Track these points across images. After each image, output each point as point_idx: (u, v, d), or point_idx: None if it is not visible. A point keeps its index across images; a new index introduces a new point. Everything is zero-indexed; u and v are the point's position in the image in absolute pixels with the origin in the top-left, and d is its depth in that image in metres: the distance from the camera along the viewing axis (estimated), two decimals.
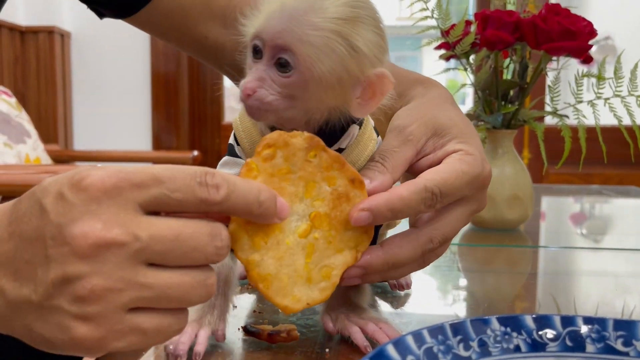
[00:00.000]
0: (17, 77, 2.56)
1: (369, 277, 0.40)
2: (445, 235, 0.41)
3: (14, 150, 2.04)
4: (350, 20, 0.37)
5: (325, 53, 0.36)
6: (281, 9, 0.37)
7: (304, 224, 0.38)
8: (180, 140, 2.75)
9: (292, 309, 0.37)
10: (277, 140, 0.37)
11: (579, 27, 0.76)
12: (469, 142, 0.43)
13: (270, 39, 0.37)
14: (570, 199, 1.38)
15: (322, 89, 0.38)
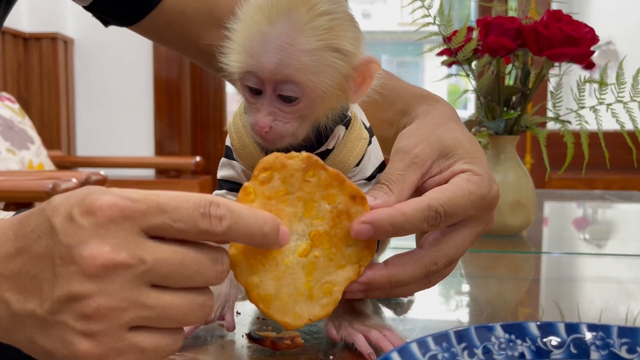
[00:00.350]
0: (21, 84, 2.57)
1: (371, 294, 0.40)
2: (450, 258, 0.41)
3: (17, 156, 2.04)
4: (331, 28, 0.38)
5: (322, 71, 0.38)
6: (266, 43, 0.37)
7: (303, 243, 0.38)
8: (182, 146, 2.76)
9: (293, 325, 0.38)
10: (273, 163, 0.37)
11: (581, 33, 0.76)
12: (476, 163, 0.43)
13: (269, 77, 0.38)
14: (573, 204, 1.38)
15: (327, 100, 0.39)
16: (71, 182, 1.32)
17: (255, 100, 0.39)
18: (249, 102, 0.39)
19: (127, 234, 0.31)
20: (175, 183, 2.54)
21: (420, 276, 0.40)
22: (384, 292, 0.41)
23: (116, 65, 2.71)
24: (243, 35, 0.38)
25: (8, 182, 1.32)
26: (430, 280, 0.42)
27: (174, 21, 0.65)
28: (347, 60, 0.38)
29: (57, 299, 0.30)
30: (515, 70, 0.86)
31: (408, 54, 6.12)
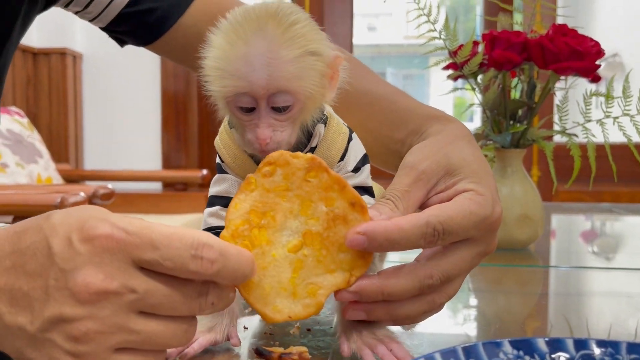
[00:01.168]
0: (30, 98, 2.60)
1: (372, 314, 0.40)
2: (447, 273, 0.41)
3: (26, 170, 2.06)
4: (303, 35, 0.39)
5: (307, 75, 0.39)
6: (250, 63, 0.38)
7: (294, 240, 0.38)
8: (189, 159, 2.77)
9: (272, 318, 0.38)
10: (278, 158, 0.39)
11: (587, 47, 0.76)
12: (480, 183, 0.42)
13: (263, 92, 0.39)
14: (581, 217, 1.37)
15: (314, 101, 0.41)
16: (79, 195, 1.33)
17: (249, 118, 0.40)
18: (242, 121, 0.40)
19: (120, 264, 0.32)
20: (182, 196, 2.55)
21: (414, 289, 0.40)
22: (386, 314, 0.40)
23: (124, 80, 2.73)
24: (223, 60, 0.39)
25: (17, 195, 1.33)
26: (435, 301, 0.41)
27: (189, 41, 0.66)
28: (322, 60, 0.40)
29: (47, 319, 0.32)
30: (521, 83, 0.86)
31: (414, 67, 6.14)
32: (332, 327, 0.49)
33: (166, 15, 0.64)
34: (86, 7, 0.64)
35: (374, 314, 0.40)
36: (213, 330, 0.42)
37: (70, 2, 0.64)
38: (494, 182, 0.44)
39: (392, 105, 0.55)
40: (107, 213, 0.34)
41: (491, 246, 0.43)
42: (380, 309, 0.40)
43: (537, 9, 0.87)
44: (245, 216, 0.38)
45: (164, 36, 0.65)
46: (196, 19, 0.66)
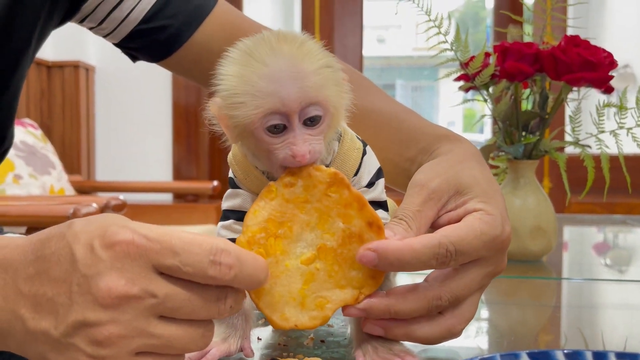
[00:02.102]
0: (43, 110, 2.63)
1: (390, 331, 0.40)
2: (456, 295, 0.41)
3: (39, 181, 2.08)
4: (315, 51, 0.39)
5: (329, 86, 0.39)
6: (277, 81, 0.37)
7: (308, 252, 0.39)
8: (200, 170, 2.78)
9: (279, 325, 0.39)
10: (301, 170, 0.39)
11: (599, 58, 0.76)
12: (490, 202, 0.42)
13: (296, 107, 0.38)
14: (594, 228, 1.36)
15: (338, 114, 0.41)
16: (91, 207, 1.34)
17: (280, 138, 0.38)
18: (272, 144, 0.39)
19: (141, 270, 0.33)
20: (193, 207, 2.56)
21: (422, 310, 0.40)
22: (404, 334, 0.40)
23: (136, 92, 2.76)
24: (245, 84, 0.38)
25: (30, 207, 1.34)
26: (453, 327, 0.41)
27: (201, 58, 0.66)
28: (337, 73, 0.40)
29: (71, 324, 0.32)
30: (533, 95, 0.86)
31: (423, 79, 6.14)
32: (345, 339, 0.49)
33: (179, 33, 0.65)
34: (100, 23, 0.65)
35: (392, 333, 0.40)
36: (227, 341, 0.42)
37: (85, 18, 0.65)
38: (503, 201, 0.44)
39: (401, 123, 0.56)
40: (127, 220, 0.34)
41: (500, 266, 0.43)
42: (399, 328, 0.40)
43: (548, 21, 0.87)
44: (262, 224, 0.39)
45: (176, 53, 0.66)
46: (209, 36, 0.66)
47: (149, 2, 0.64)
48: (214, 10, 0.67)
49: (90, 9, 0.64)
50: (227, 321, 0.42)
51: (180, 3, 0.65)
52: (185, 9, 0.65)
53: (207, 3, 0.67)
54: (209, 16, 0.66)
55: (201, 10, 0.66)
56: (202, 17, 0.66)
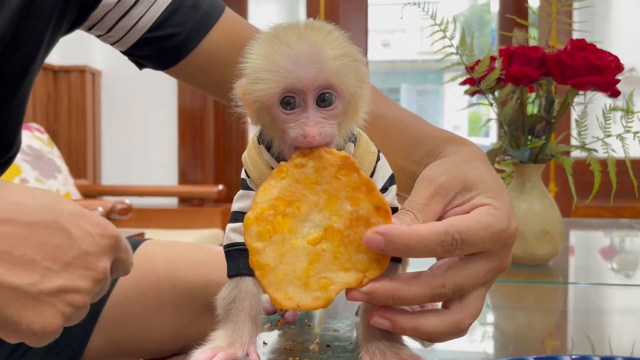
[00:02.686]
0: (50, 115, 2.64)
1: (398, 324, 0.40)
2: (460, 284, 0.40)
3: (45, 186, 2.09)
4: (340, 41, 0.40)
5: (349, 75, 0.40)
6: (297, 60, 0.39)
7: (315, 233, 0.39)
8: (205, 174, 2.79)
9: (281, 304, 0.39)
10: (312, 151, 0.39)
11: (606, 61, 0.76)
12: (497, 198, 0.42)
13: (310, 85, 0.39)
14: (600, 233, 1.35)
15: (354, 106, 0.41)
16: (97, 211, 1.34)
17: (292, 116, 0.40)
18: (286, 122, 0.40)
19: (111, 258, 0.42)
20: (198, 211, 2.56)
21: (425, 297, 0.40)
22: (412, 328, 0.40)
23: (141, 97, 2.77)
24: (269, 61, 0.40)
25: None
26: (462, 322, 0.41)
27: (208, 66, 0.67)
28: (360, 66, 0.41)
29: (57, 286, 0.39)
30: (539, 98, 0.85)
31: (428, 83, 6.14)
32: (351, 343, 0.49)
33: (186, 41, 0.65)
34: (109, 31, 0.65)
35: (399, 326, 0.40)
36: (233, 346, 0.42)
37: (94, 26, 0.66)
38: (509, 199, 0.44)
39: (407, 127, 0.56)
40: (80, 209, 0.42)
41: (506, 262, 0.43)
42: (406, 321, 0.40)
43: (553, 24, 0.87)
44: (272, 202, 0.39)
45: (183, 61, 0.66)
46: (215, 44, 0.67)
47: (157, 10, 0.64)
48: (221, 18, 0.67)
49: (99, 16, 0.64)
50: (234, 326, 0.42)
51: (188, 11, 0.65)
52: (192, 17, 0.66)
53: (214, 11, 0.67)
54: (216, 24, 0.67)
55: (208, 18, 0.66)
56: (210, 26, 0.66)
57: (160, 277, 0.75)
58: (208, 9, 0.67)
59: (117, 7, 0.64)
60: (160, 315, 0.75)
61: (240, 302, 0.42)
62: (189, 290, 0.75)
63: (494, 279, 0.43)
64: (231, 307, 0.42)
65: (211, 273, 0.76)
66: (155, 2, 0.65)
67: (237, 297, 0.42)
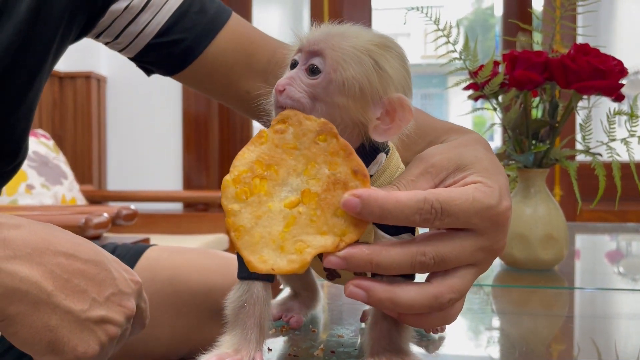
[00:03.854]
0: (55, 121, 2.65)
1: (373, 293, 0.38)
2: (442, 256, 0.39)
3: (51, 191, 2.10)
4: (380, 45, 0.40)
5: (352, 62, 0.39)
6: (321, 30, 0.41)
7: (292, 196, 0.39)
8: (210, 179, 2.79)
9: (255, 266, 0.38)
10: (292, 117, 0.39)
11: (609, 66, 0.76)
12: (490, 178, 0.41)
13: (306, 46, 0.41)
14: (606, 237, 1.35)
15: (344, 96, 0.40)
16: (103, 216, 1.34)
17: None
18: None
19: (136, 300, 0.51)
20: (203, 217, 2.56)
21: (405, 264, 0.38)
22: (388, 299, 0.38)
23: (147, 102, 2.78)
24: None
25: (42, 216, 1.35)
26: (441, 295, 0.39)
27: (215, 71, 0.67)
28: (380, 76, 0.40)
29: (99, 316, 0.45)
30: (543, 103, 0.85)
31: (432, 87, 6.14)
32: (356, 349, 0.49)
33: (193, 46, 0.66)
34: (116, 37, 0.66)
35: (375, 295, 0.38)
36: (239, 352, 0.42)
37: (101, 33, 0.66)
38: (505, 180, 0.43)
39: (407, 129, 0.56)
40: None
41: (498, 244, 0.42)
42: (382, 291, 0.38)
43: (557, 29, 0.87)
44: (249, 165, 0.39)
45: (190, 66, 0.67)
46: (222, 49, 0.67)
47: (164, 16, 0.65)
48: (227, 23, 0.67)
49: (107, 24, 0.65)
50: (242, 332, 0.42)
51: (195, 17, 0.66)
52: (199, 22, 0.66)
53: (220, 16, 0.67)
54: (222, 29, 0.67)
55: (215, 23, 0.67)
56: (216, 30, 0.67)
57: (165, 283, 0.76)
58: (215, 14, 0.67)
59: (125, 14, 0.64)
60: (165, 321, 0.75)
61: (250, 308, 0.42)
62: (194, 296, 0.75)
63: (486, 262, 0.42)
64: (240, 312, 0.42)
65: (216, 278, 0.76)
66: (162, 8, 0.65)
67: (248, 302, 0.42)
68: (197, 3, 0.66)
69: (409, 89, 0.42)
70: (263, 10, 3.17)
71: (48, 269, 0.43)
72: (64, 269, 0.44)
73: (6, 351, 0.66)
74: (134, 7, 0.64)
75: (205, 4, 0.67)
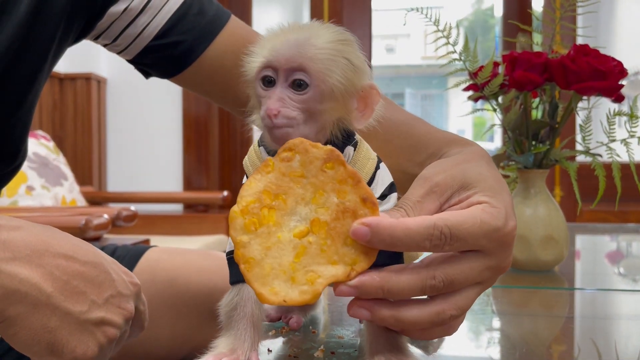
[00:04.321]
0: (56, 122, 2.65)
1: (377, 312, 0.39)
2: (451, 278, 0.39)
3: (51, 193, 2.10)
4: (344, 42, 0.42)
5: (332, 67, 0.40)
6: (286, 41, 0.41)
7: (301, 226, 0.38)
8: (210, 180, 2.79)
9: (267, 299, 0.38)
10: (298, 145, 0.39)
11: (609, 67, 0.76)
12: (495, 197, 0.41)
13: (284, 64, 0.41)
14: (606, 237, 1.35)
15: (332, 101, 0.41)
16: (103, 217, 1.34)
17: (267, 92, 0.42)
18: (261, 96, 0.42)
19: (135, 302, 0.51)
20: (203, 218, 2.56)
21: (415, 288, 0.38)
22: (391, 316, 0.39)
23: (147, 104, 2.78)
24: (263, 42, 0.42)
25: (43, 218, 1.35)
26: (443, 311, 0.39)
27: (214, 73, 0.67)
28: (354, 72, 0.41)
29: (99, 318, 0.45)
30: (543, 104, 0.85)
31: (432, 88, 6.14)
32: (356, 350, 0.49)
33: (192, 48, 0.66)
34: (115, 39, 0.66)
35: (379, 314, 0.39)
36: (235, 352, 0.42)
37: (100, 35, 0.66)
38: (510, 198, 0.43)
39: (410, 130, 0.56)
40: None
41: (505, 262, 0.42)
42: (386, 309, 0.39)
43: (557, 30, 0.87)
44: (257, 195, 0.39)
45: (189, 68, 0.67)
46: (221, 51, 0.67)
47: (163, 18, 0.65)
48: (226, 25, 0.67)
49: (105, 26, 0.65)
50: (236, 333, 0.42)
51: (194, 19, 0.66)
52: (198, 25, 0.66)
53: (219, 19, 0.67)
54: (221, 32, 0.67)
55: (214, 25, 0.67)
56: (215, 33, 0.67)
57: (165, 284, 0.75)
58: (214, 17, 0.67)
59: (123, 16, 0.64)
60: (165, 322, 0.75)
61: (242, 309, 0.42)
62: (194, 297, 0.75)
63: (491, 280, 0.42)
64: (233, 314, 0.43)
65: (216, 280, 0.76)
66: (160, 10, 0.65)
67: (239, 303, 0.43)
68: (196, 5, 0.66)
69: (370, 71, 0.43)
70: (263, 11, 3.18)
71: (47, 270, 0.43)
72: (64, 270, 0.44)
73: (5, 353, 0.66)
74: (132, 9, 0.64)
75: (204, 6, 0.67)
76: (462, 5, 5.34)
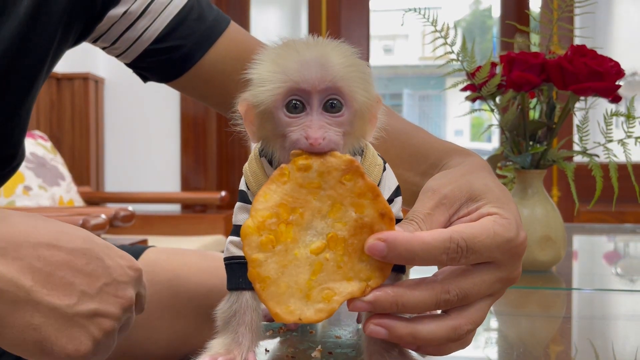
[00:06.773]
0: (53, 122, 2.65)
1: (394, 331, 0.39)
2: (465, 292, 0.39)
3: (48, 193, 2.09)
4: (352, 54, 0.40)
5: (358, 84, 0.39)
6: (305, 63, 0.38)
7: (318, 241, 0.37)
8: (208, 181, 2.79)
9: (282, 318, 0.37)
10: (316, 154, 0.37)
11: (606, 67, 0.76)
12: (504, 208, 0.42)
13: (316, 86, 0.38)
14: (603, 238, 1.35)
15: (361, 119, 0.40)
16: (100, 218, 1.34)
17: (296, 120, 0.38)
18: (289, 125, 0.38)
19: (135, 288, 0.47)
20: (201, 218, 2.56)
21: (430, 302, 0.38)
22: (408, 334, 0.39)
23: (145, 104, 2.78)
24: (276, 65, 0.39)
25: None
26: (459, 327, 0.39)
27: (212, 79, 0.67)
28: (371, 85, 0.40)
29: (92, 310, 0.42)
30: (540, 104, 0.86)
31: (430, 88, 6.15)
32: (354, 351, 0.49)
33: (191, 53, 0.66)
34: (114, 43, 0.66)
35: (396, 332, 0.39)
36: (231, 353, 0.42)
37: (99, 38, 0.66)
38: (517, 209, 0.44)
39: (411, 139, 0.56)
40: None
41: (515, 273, 0.42)
42: (403, 327, 0.39)
43: (555, 30, 0.88)
44: (274, 209, 0.37)
45: (187, 73, 0.67)
46: (220, 56, 0.67)
47: (162, 22, 0.65)
48: (225, 31, 0.67)
49: (104, 29, 0.65)
50: (233, 332, 0.42)
51: (193, 24, 0.66)
52: (197, 30, 0.66)
53: (219, 24, 0.67)
54: (220, 37, 0.67)
55: (213, 31, 0.67)
56: (214, 38, 0.67)
57: (163, 285, 0.75)
58: (213, 22, 0.67)
59: (123, 20, 0.64)
60: (163, 323, 0.75)
61: (241, 317, 0.42)
62: (193, 298, 0.75)
63: (502, 291, 0.42)
64: (231, 321, 0.42)
65: (214, 280, 0.76)
66: (160, 15, 0.65)
67: (238, 311, 0.42)
68: (195, 10, 0.66)
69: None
70: (261, 12, 3.17)
71: (26, 263, 0.40)
72: (46, 261, 0.40)
73: (5, 353, 0.66)
74: (132, 12, 0.64)
75: (204, 12, 0.67)
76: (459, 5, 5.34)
